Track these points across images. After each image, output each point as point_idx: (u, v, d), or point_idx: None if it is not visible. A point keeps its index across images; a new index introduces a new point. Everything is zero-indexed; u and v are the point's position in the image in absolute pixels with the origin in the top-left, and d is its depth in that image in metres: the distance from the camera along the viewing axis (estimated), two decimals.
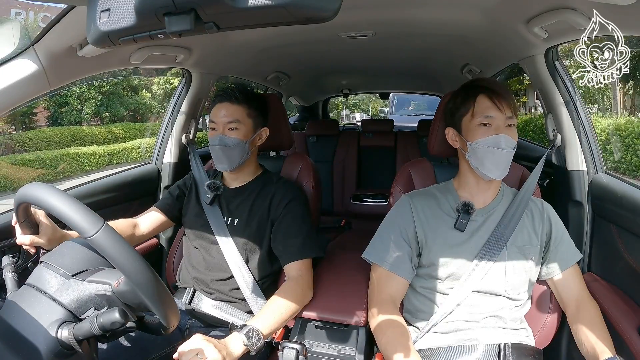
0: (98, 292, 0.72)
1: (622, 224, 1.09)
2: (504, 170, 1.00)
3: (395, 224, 1.08)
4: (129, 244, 0.66)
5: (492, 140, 0.98)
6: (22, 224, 0.86)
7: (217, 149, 1.16)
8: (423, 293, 1.05)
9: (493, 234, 1.01)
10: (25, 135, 9.48)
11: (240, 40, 1.45)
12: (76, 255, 0.77)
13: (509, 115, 0.99)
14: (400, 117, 6.26)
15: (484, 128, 0.99)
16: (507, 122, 0.99)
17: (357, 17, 1.27)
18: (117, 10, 0.56)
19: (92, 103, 11.69)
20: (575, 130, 1.23)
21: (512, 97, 1.00)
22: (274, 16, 0.52)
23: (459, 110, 1.04)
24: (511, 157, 1.00)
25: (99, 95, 11.81)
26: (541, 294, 1.08)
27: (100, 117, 12.21)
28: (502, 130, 0.98)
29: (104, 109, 12.05)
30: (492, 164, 0.99)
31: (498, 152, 0.98)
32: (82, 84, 8.45)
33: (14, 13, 10.77)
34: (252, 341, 0.89)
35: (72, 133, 10.19)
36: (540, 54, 1.23)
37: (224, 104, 1.18)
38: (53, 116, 11.50)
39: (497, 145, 0.98)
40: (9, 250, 1.01)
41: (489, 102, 0.99)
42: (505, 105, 0.98)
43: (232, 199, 1.24)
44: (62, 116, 11.45)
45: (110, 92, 12.06)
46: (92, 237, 0.63)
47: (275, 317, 0.99)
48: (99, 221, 0.64)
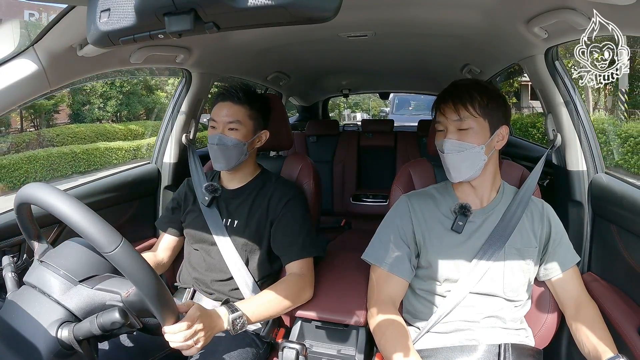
0: (109, 301, 0.73)
1: (622, 224, 1.09)
2: (457, 172, 1.01)
3: (393, 225, 1.08)
4: (145, 260, 0.67)
5: (439, 144, 1.03)
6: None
7: (216, 147, 1.16)
8: (422, 294, 1.05)
9: (492, 235, 1.01)
10: (52, 131, 10.26)
11: (240, 40, 1.45)
12: (79, 257, 0.77)
13: (455, 119, 0.98)
14: (401, 117, 6.71)
15: (439, 132, 1.04)
16: (454, 125, 0.99)
17: (357, 17, 1.27)
18: (117, 10, 0.56)
19: (113, 102, 12.30)
20: (575, 130, 1.23)
21: (468, 99, 0.98)
22: (274, 16, 0.52)
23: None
24: (466, 161, 0.98)
25: (120, 94, 12.43)
26: (541, 295, 1.08)
27: (116, 115, 12.85)
28: (449, 135, 1.00)
29: (124, 107, 12.70)
30: (445, 165, 1.03)
31: (443, 156, 1.01)
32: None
33: (28, 15, 10.95)
34: (236, 328, 0.93)
35: (95, 130, 10.91)
36: (540, 54, 1.23)
37: (226, 103, 1.17)
38: (75, 114, 12.19)
39: (440, 149, 1.02)
40: (9, 250, 1.01)
41: (438, 106, 1.03)
42: (450, 109, 0.99)
43: (230, 200, 1.23)
44: (85, 114, 12.19)
45: (130, 92, 12.62)
46: (111, 253, 0.64)
47: (266, 309, 1.02)
48: (118, 237, 0.65)
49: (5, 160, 8.08)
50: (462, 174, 1.01)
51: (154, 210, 1.67)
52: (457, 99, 0.99)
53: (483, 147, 0.98)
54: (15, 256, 0.99)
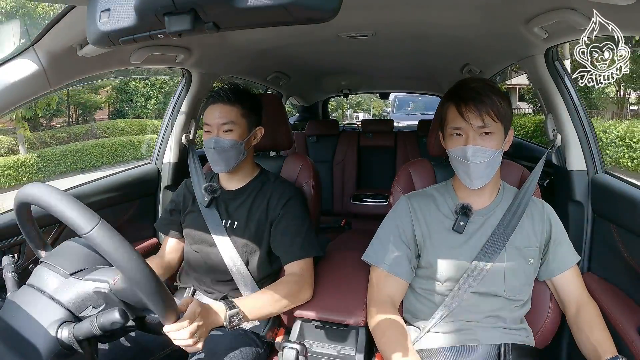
0: (95, 289, 0.72)
1: (622, 224, 1.09)
2: (478, 179, 0.98)
3: (394, 226, 1.08)
4: (125, 241, 0.65)
5: (460, 151, 0.97)
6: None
7: (213, 151, 1.15)
8: (423, 294, 1.05)
9: (492, 235, 1.01)
10: (103, 125, 12.56)
11: (240, 40, 1.45)
12: (75, 254, 0.77)
13: (479, 125, 0.95)
14: (400, 116, 7.13)
15: (456, 137, 0.98)
16: (479, 131, 0.95)
17: (357, 17, 1.27)
18: (117, 10, 0.56)
19: (153, 101, 14.59)
20: (575, 130, 1.23)
21: (490, 104, 0.95)
22: (274, 16, 0.52)
23: (440, 115, 1.05)
24: (487, 166, 0.97)
25: (159, 94, 14.68)
26: (541, 294, 1.08)
27: (156, 112, 14.71)
28: (471, 141, 0.95)
29: (162, 105, 14.28)
30: (464, 173, 0.99)
31: (465, 164, 0.96)
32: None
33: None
34: (232, 324, 0.93)
35: (138, 124, 13.14)
36: (540, 54, 1.23)
37: (217, 105, 1.16)
38: (117, 110, 14.66)
39: (463, 156, 0.96)
40: (9, 250, 1.01)
41: (455, 112, 0.97)
42: (473, 115, 0.95)
43: (230, 201, 1.23)
44: (127, 111, 14.55)
45: (167, 92, 14.36)
46: (87, 234, 0.62)
47: (264, 308, 1.01)
48: (95, 218, 0.63)
49: (78, 146, 10.41)
50: (483, 181, 0.99)
51: (154, 210, 1.67)
52: (480, 104, 0.94)
53: (501, 151, 0.98)
54: (15, 256, 1.00)
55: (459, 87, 1.01)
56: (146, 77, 12.73)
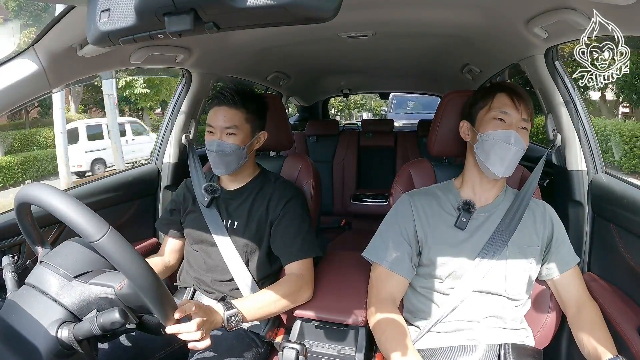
0: (101, 295, 0.72)
1: (622, 224, 1.09)
2: (507, 167, 1.00)
3: (395, 223, 1.08)
4: (133, 249, 0.66)
5: (503, 134, 0.99)
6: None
7: (214, 154, 1.15)
8: (423, 293, 1.05)
9: (495, 232, 1.01)
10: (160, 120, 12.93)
11: (240, 40, 1.45)
12: (77, 256, 0.77)
13: (524, 117, 1.00)
14: (397, 115, 7.16)
15: (498, 122, 1.01)
16: (521, 123, 1.00)
17: (357, 17, 1.27)
18: (117, 10, 0.56)
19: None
20: (575, 130, 1.23)
21: (530, 104, 1.02)
22: (274, 16, 0.52)
23: (477, 104, 1.06)
24: (518, 157, 1.00)
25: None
26: (541, 294, 1.08)
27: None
28: (514, 128, 0.99)
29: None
30: (498, 157, 0.99)
31: (506, 148, 0.98)
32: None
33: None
34: (231, 325, 0.93)
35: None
36: (540, 54, 1.23)
37: (222, 107, 1.15)
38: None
39: (506, 140, 0.98)
40: (9, 250, 1.01)
41: (507, 99, 1.01)
42: (523, 106, 1.00)
43: (230, 201, 1.23)
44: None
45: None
46: (97, 242, 0.63)
47: (263, 309, 1.02)
48: (104, 226, 0.64)
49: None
50: (510, 170, 1.01)
51: (154, 210, 1.67)
52: (528, 102, 1.01)
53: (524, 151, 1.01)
54: (15, 256, 0.99)
55: (508, 83, 1.06)
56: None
